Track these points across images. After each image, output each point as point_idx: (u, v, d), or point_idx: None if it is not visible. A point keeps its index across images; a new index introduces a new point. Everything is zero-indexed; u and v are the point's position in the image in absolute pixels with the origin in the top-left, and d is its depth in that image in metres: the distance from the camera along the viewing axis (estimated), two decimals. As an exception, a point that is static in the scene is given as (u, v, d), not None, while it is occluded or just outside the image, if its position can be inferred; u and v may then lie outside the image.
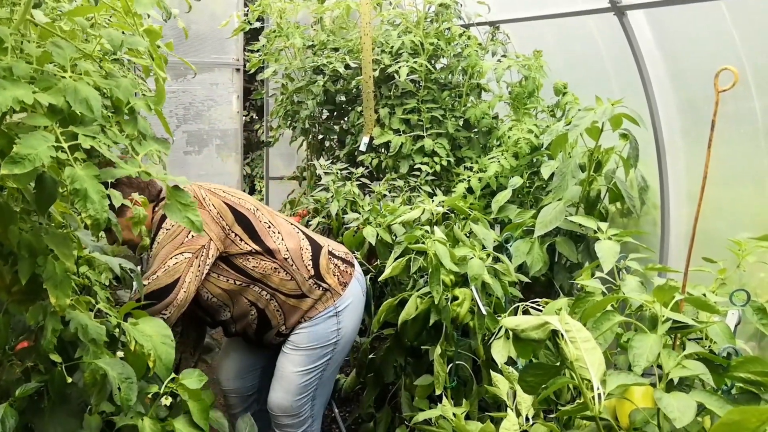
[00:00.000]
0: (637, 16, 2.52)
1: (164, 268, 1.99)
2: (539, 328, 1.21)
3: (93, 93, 1.17)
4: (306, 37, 3.98)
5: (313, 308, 2.23)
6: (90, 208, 1.11)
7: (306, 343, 2.23)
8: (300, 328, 2.23)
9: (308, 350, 2.23)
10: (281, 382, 2.24)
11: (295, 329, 2.24)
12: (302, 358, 2.22)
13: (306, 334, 2.23)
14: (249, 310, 2.22)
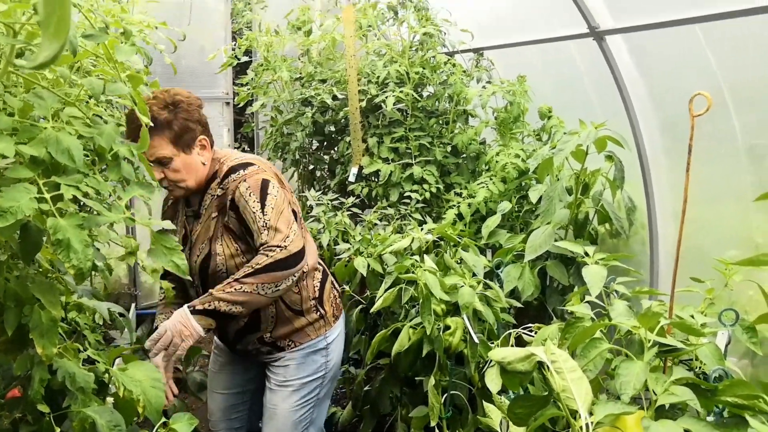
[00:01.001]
0: (616, 41, 2.57)
1: (294, 232, 1.92)
2: (525, 360, 1.21)
3: (75, 143, 1.19)
4: (293, 69, 4.03)
5: (304, 332, 2.15)
6: (73, 258, 1.11)
7: (295, 377, 2.14)
8: (288, 360, 2.13)
9: (297, 384, 2.15)
10: (274, 422, 2.15)
11: (283, 360, 2.14)
12: (292, 392, 2.14)
13: (295, 367, 2.14)
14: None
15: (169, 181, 1.97)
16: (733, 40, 2.08)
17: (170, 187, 1.99)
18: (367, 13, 3.62)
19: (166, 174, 1.94)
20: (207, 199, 2.03)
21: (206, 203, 2.03)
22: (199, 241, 2.04)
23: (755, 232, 2.18)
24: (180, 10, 4.84)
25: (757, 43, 2.01)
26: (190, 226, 2.09)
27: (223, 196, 1.98)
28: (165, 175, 1.94)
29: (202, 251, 2.03)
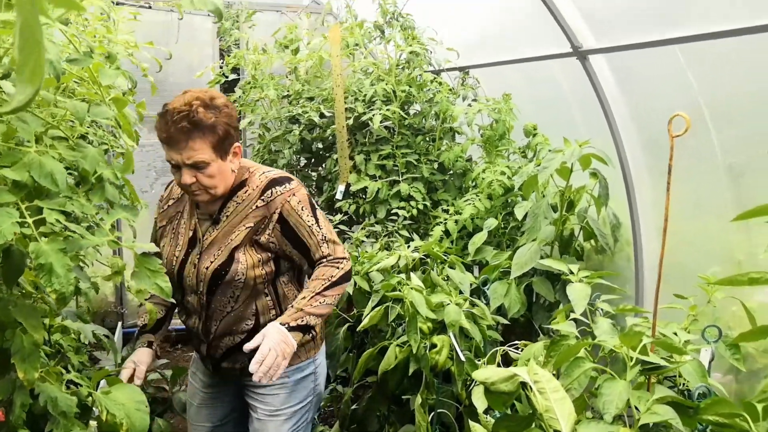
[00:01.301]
0: (599, 60, 2.61)
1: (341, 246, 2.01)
2: (509, 380, 1.22)
3: (58, 167, 1.19)
4: (281, 86, 4.05)
5: (294, 353, 2.06)
6: (55, 282, 1.11)
7: (286, 405, 2.07)
8: (279, 388, 2.05)
9: (289, 412, 2.07)
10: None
11: (272, 387, 2.05)
12: (284, 421, 2.07)
13: (286, 396, 2.05)
14: (247, 319, 1.99)
15: (200, 186, 1.85)
16: (711, 60, 2.11)
17: (198, 192, 1.87)
18: (354, 32, 3.66)
19: (198, 178, 1.83)
20: (230, 206, 1.94)
21: (229, 210, 1.94)
22: (215, 246, 1.93)
23: (736, 249, 2.21)
24: (167, 28, 4.85)
25: (735, 63, 2.05)
26: (203, 230, 1.97)
27: (267, 208, 1.91)
28: (197, 180, 1.84)
29: (218, 257, 1.91)
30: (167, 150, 1.84)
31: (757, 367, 2.12)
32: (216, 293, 1.94)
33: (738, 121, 2.10)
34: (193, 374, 2.23)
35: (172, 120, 1.77)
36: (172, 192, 2.08)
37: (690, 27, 2.09)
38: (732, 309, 2.21)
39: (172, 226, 2.03)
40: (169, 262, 1.98)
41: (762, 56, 1.93)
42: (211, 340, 2.00)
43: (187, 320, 2.07)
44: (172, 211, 2.05)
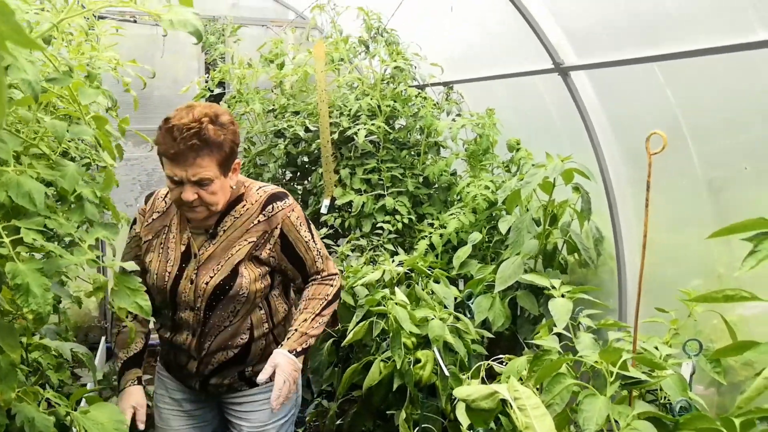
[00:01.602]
0: (580, 76, 2.64)
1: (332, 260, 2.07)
2: (489, 397, 1.22)
3: (36, 186, 1.18)
4: (266, 100, 4.05)
5: None
6: (32, 302, 1.11)
7: (272, 420, 2.05)
8: (262, 403, 2.04)
9: (276, 426, 2.07)
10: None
11: (258, 404, 2.05)
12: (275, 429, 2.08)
13: (271, 411, 1.98)
14: (242, 333, 1.97)
15: (202, 203, 1.81)
16: (689, 77, 2.15)
17: (198, 208, 1.83)
18: (339, 47, 3.68)
19: (201, 195, 1.79)
20: (228, 221, 1.91)
21: (226, 225, 1.91)
22: (213, 261, 1.89)
23: (717, 263, 2.23)
24: (153, 41, 4.85)
25: (712, 80, 2.08)
26: (198, 244, 1.93)
27: (268, 223, 1.91)
28: (199, 196, 1.79)
29: (219, 272, 1.88)
30: (171, 166, 1.77)
31: (739, 379, 2.13)
32: (216, 308, 1.91)
33: (716, 137, 2.13)
34: (162, 396, 2.13)
35: (181, 136, 1.72)
36: (155, 205, 2.01)
37: (667, 45, 2.12)
38: (713, 322, 2.23)
39: (159, 240, 1.96)
40: (160, 278, 1.90)
41: (738, 74, 1.97)
42: (203, 356, 1.96)
43: (174, 337, 1.98)
44: (158, 225, 1.99)
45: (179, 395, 2.09)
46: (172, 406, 2.10)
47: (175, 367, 2.06)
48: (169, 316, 1.96)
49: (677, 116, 2.22)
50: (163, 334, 2.02)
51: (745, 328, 2.13)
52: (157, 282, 1.90)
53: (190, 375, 2.02)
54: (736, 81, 1.98)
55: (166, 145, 1.75)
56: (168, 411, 2.11)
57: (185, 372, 2.03)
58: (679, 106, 2.21)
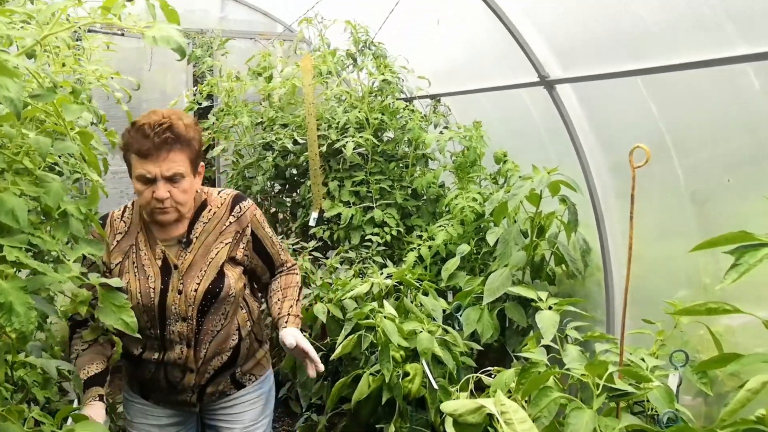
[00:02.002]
0: (565, 89, 2.67)
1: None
2: (476, 412, 1.23)
3: (19, 203, 1.18)
4: (255, 113, 4.06)
5: (261, 364, 2.11)
6: (15, 321, 1.09)
7: (261, 416, 2.11)
8: (252, 404, 2.08)
9: (265, 423, 2.13)
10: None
11: (246, 404, 2.08)
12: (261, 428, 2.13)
13: (261, 407, 2.10)
14: (232, 334, 1.99)
15: (173, 203, 1.83)
16: (672, 90, 2.18)
17: (168, 209, 1.83)
18: (327, 60, 3.69)
19: (172, 193, 1.81)
20: (198, 227, 1.93)
21: (197, 231, 1.93)
22: (195, 269, 1.90)
23: (702, 273, 2.25)
24: (141, 54, 4.85)
25: (694, 93, 2.11)
26: (174, 255, 1.93)
27: (238, 223, 1.96)
28: (171, 195, 1.81)
29: (206, 277, 1.90)
30: (142, 163, 1.78)
31: (725, 390, 2.14)
32: (208, 313, 1.92)
33: (699, 149, 2.16)
34: (143, 425, 2.07)
35: (154, 132, 1.76)
36: (115, 227, 1.96)
37: (649, 59, 2.15)
38: (699, 333, 2.25)
39: (130, 260, 1.93)
40: (145, 296, 1.88)
41: (719, 87, 1.99)
42: (200, 366, 1.95)
43: (166, 355, 1.94)
44: (125, 245, 1.95)
45: (165, 420, 2.06)
46: (161, 430, 2.07)
47: (164, 387, 2.00)
48: (157, 335, 1.93)
49: (661, 129, 2.25)
50: (150, 356, 1.95)
51: (732, 339, 2.14)
52: (142, 300, 1.87)
53: (184, 390, 1.99)
54: (717, 94, 2.01)
55: (138, 144, 1.77)
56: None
57: (179, 388, 1.99)
58: (663, 120, 2.23)
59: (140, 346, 1.95)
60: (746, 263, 1.11)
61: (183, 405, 2.04)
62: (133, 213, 1.96)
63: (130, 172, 1.85)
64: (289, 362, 2.66)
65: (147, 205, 1.85)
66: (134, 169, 1.81)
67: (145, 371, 1.98)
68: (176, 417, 2.07)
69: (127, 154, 1.82)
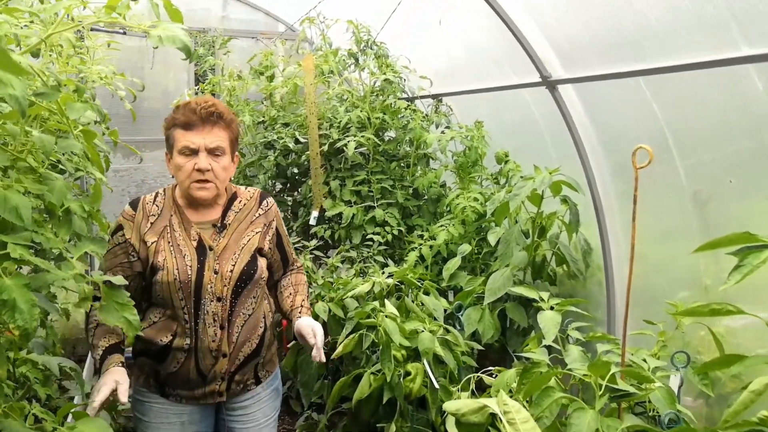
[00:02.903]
0: (568, 90, 2.67)
1: None
2: (478, 411, 1.23)
3: (23, 201, 1.18)
4: (256, 112, 4.06)
5: (273, 361, 2.16)
6: (18, 318, 1.09)
7: (273, 411, 2.16)
8: (269, 398, 2.13)
9: (275, 418, 2.18)
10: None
11: (262, 397, 2.10)
12: (272, 428, 2.17)
13: (272, 402, 2.16)
14: (260, 322, 2.05)
15: (213, 176, 1.92)
16: (675, 91, 2.17)
17: (207, 183, 1.93)
18: (329, 60, 3.69)
19: (213, 167, 1.91)
20: (230, 215, 2.03)
21: (230, 218, 2.03)
22: (229, 252, 1.98)
23: (704, 275, 2.25)
24: (143, 53, 4.85)
25: (697, 94, 2.10)
26: (209, 238, 1.99)
27: (265, 216, 2.08)
28: (212, 168, 1.91)
29: (240, 259, 1.97)
30: (187, 135, 1.89)
31: (727, 391, 2.15)
32: (241, 295, 1.98)
33: (702, 150, 2.16)
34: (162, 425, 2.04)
35: (200, 108, 1.88)
36: (148, 210, 2.01)
37: (652, 60, 2.15)
38: (701, 333, 2.25)
39: (165, 240, 1.97)
40: (183, 273, 1.92)
41: (722, 88, 1.99)
42: (233, 350, 1.99)
43: (199, 339, 1.94)
44: (159, 226, 1.99)
45: (186, 417, 2.04)
46: (182, 429, 2.04)
47: (191, 379, 1.98)
48: (191, 316, 1.94)
49: (663, 130, 2.25)
50: (181, 343, 1.95)
51: (733, 340, 2.14)
52: (179, 276, 1.92)
53: (214, 378, 1.99)
54: (720, 96, 2.01)
55: (185, 117, 1.89)
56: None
57: (209, 377, 1.99)
58: (666, 121, 2.23)
59: (170, 334, 1.96)
60: (750, 264, 1.11)
61: (208, 397, 2.02)
62: (165, 198, 2.03)
63: (171, 151, 1.94)
64: (290, 361, 2.65)
65: (187, 178, 1.92)
66: (177, 143, 1.90)
67: (172, 363, 1.97)
68: (196, 414, 2.06)
69: (170, 132, 1.92)
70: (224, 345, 1.96)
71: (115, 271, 1.92)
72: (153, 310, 1.99)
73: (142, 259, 1.96)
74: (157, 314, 1.98)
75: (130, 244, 1.95)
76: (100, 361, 1.90)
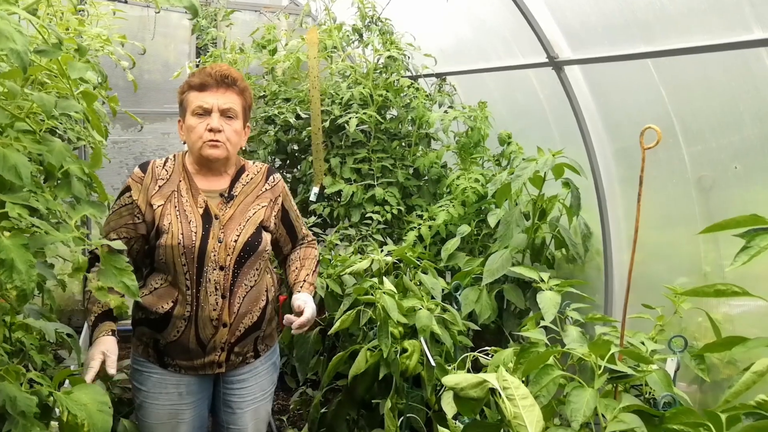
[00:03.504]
0: (574, 71, 2.64)
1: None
2: (478, 386, 1.22)
3: (22, 159, 1.16)
4: (257, 87, 4.02)
5: (272, 336, 2.17)
6: (16, 278, 1.08)
7: (270, 385, 2.19)
8: (267, 371, 2.15)
9: (271, 391, 2.21)
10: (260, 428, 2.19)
11: (261, 371, 2.12)
12: (268, 401, 2.19)
13: (270, 376, 2.18)
14: (262, 295, 2.05)
15: (225, 137, 1.95)
16: (683, 75, 2.15)
17: (218, 143, 1.95)
18: (332, 35, 3.64)
19: (225, 129, 1.94)
20: (238, 187, 2.05)
21: (237, 189, 2.04)
22: (234, 222, 1.99)
23: (704, 261, 2.24)
24: (144, 24, 4.79)
25: (705, 78, 2.08)
26: (216, 207, 1.99)
27: (272, 191, 2.09)
28: (223, 130, 1.94)
29: (245, 231, 1.99)
30: (201, 96, 1.92)
31: (721, 377, 2.15)
32: (244, 266, 1.99)
33: (708, 135, 2.14)
34: (160, 394, 2.04)
35: (214, 71, 1.92)
36: (156, 173, 2.02)
37: (662, 42, 2.12)
38: (698, 320, 2.25)
39: (172, 204, 1.97)
40: (187, 237, 1.93)
41: (731, 72, 1.97)
42: (233, 321, 1.99)
43: (200, 307, 1.94)
44: (166, 190, 2.00)
45: (183, 388, 2.04)
46: (170, 401, 2.04)
47: (191, 349, 1.98)
48: (193, 283, 1.94)
49: (670, 114, 2.23)
50: (181, 311, 1.95)
51: (730, 327, 2.15)
52: (184, 241, 1.93)
53: (214, 348, 1.99)
54: (729, 80, 1.99)
55: (200, 79, 1.93)
56: (166, 408, 2.04)
57: (209, 347, 1.99)
58: (672, 105, 2.21)
59: (171, 301, 1.96)
60: (757, 246, 1.10)
61: (207, 367, 2.02)
62: (176, 163, 2.04)
63: (183, 116, 1.97)
64: (287, 336, 2.65)
65: (199, 139, 1.94)
66: (190, 105, 1.94)
67: (172, 331, 1.97)
68: (194, 385, 2.06)
69: (184, 96, 1.97)
70: (225, 315, 1.96)
71: (119, 232, 1.94)
72: (154, 276, 1.99)
73: (147, 221, 1.96)
74: (158, 280, 1.97)
75: (136, 206, 1.96)
76: (92, 328, 1.91)
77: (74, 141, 2.07)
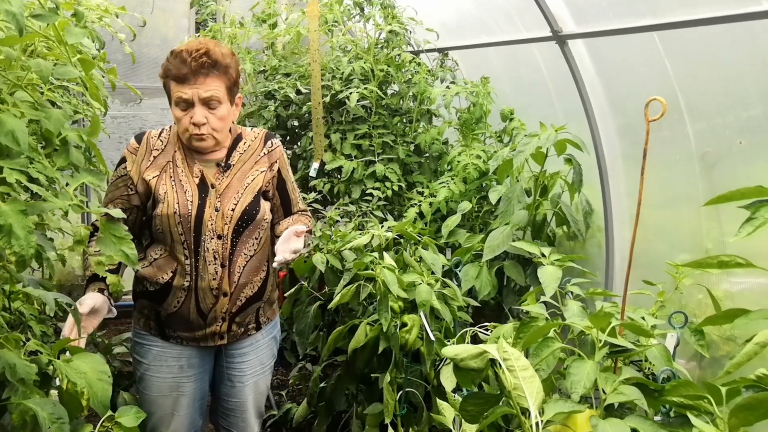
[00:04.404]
0: (578, 46, 2.61)
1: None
2: (478, 357, 1.22)
3: (20, 125, 1.14)
4: (257, 61, 3.98)
5: (273, 309, 2.21)
6: (15, 244, 1.07)
7: (270, 359, 2.21)
8: (267, 345, 2.17)
9: (271, 364, 2.23)
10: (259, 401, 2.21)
11: (260, 345, 2.14)
12: (268, 375, 2.21)
13: (271, 350, 2.21)
14: (263, 265, 2.07)
15: (210, 129, 1.90)
16: (689, 48, 2.12)
17: (204, 136, 1.90)
18: (333, 9, 3.60)
19: (209, 119, 1.89)
20: (235, 156, 2.02)
21: (234, 158, 2.01)
22: (232, 190, 1.97)
23: (705, 238, 2.24)
24: (142, -2, 4.73)
25: (712, 52, 2.06)
26: (212, 176, 1.98)
27: (269, 157, 2.06)
28: (208, 121, 1.89)
29: (243, 199, 1.97)
30: (180, 87, 1.85)
31: (720, 354, 2.16)
32: (243, 235, 1.98)
33: (713, 110, 2.12)
34: (161, 367, 2.05)
35: (191, 57, 1.82)
36: (151, 144, 2.00)
37: (669, 14, 2.09)
38: (698, 297, 2.25)
39: (167, 174, 1.96)
40: (183, 206, 1.92)
41: (738, 46, 1.94)
42: (234, 290, 1.99)
43: (200, 276, 1.94)
44: (162, 161, 1.98)
45: (184, 361, 2.05)
46: (171, 373, 2.05)
47: (191, 320, 1.98)
48: (191, 252, 1.94)
49: (675, 89, 2.20)
50: (181, 282, 1.95)
51: (730, 304, 2.14)
52: (180, 210, 1.91)
53: (215, 319, 1.99)
54: (736, 53, 1.96)
55: (176, 69, 1.84)
56: (168, 380, 2.05)
57: (210, 317, 1.99)
58: (678, 79, 2.18)
59: (170, 271, 1.96)
60: (762, 217, 1.09)
61: (209, 338, 2.02)
62: (171, 134, 2.01)
63: (170, 100, 1.93)
64: (287, 309, 2.65)
65: (185, 132, 1.91)
66: (172, 95, 1.89)
67: (173, 302, 1.97)
68: (195, 358, 2.07)
69: (166, 81, 1.90)
70: (225, 284, 1.96)
71: (116, 203, 1.93)
72: (153, 247, 1.99)
73: (140, 192, 1.95)
74: (157, 251, 1.97)
75: (129, 177, 1.94)
76: (85, 285, 1.94)
77: (71, 114, 2.05)
